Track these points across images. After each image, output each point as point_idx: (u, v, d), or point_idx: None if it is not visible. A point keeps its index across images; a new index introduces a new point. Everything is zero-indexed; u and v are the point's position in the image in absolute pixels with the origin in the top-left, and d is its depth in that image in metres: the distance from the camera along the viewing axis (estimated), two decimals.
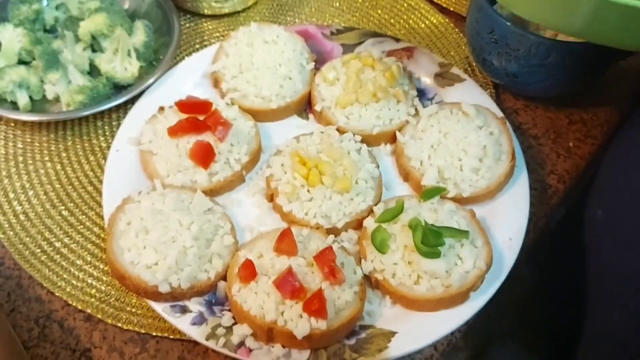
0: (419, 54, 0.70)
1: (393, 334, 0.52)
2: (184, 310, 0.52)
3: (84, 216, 0.61)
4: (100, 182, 0.61)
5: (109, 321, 0.54)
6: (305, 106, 0.68)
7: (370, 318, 0.54)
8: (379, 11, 0.80)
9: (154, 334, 0.54)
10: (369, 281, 0.55)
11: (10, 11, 0.70)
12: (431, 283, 0.52)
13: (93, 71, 0.69)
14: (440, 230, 0.53)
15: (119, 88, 0.68)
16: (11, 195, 0.62)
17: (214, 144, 0.59)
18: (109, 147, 0.62)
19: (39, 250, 0.58)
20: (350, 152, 0.61)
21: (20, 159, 0.65)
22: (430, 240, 0.52)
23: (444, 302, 0.52)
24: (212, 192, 0.59)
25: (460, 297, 0.53)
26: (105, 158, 0.63)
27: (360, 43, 0.72)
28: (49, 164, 0.64)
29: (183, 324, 0.51)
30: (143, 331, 0.54)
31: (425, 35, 0.77)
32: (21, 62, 0.68)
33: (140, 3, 0.74)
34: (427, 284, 0.52)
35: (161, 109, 0.63)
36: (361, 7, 0.81)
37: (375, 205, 0.58)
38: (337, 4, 0.81)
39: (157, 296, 0.52)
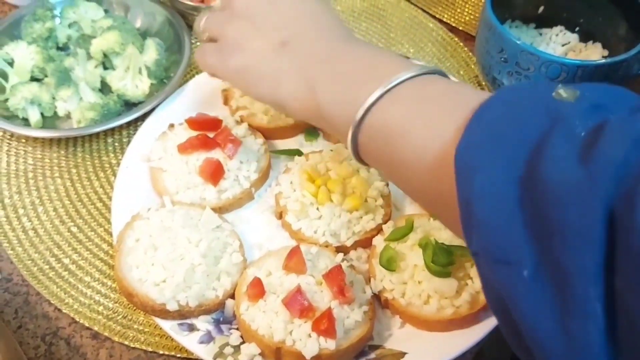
0: None
1: (403, 354, 0.51)
2: (192, 328, 0.52)
3: (92, 233, 0.61)
4: (110, 198, 0.61)
5: (116, 339, 0.54)
6: None
7: (379, 338, 0.53)
8: (388, 30, 0.81)
9: (161, 352, 0.53)
10: (379, 300, 0.54)
11: (23, 29, 0.71)
12: (441, 303, 0.52)
13: (104, 88, 0.69)
14: (451, 249, 0.52)
15: (129, 105, 0.68)
16: (20, 212, 0.62)
17: (223, 162, 0.59)
18: (119, 164, 0.63)
19: (47, 266, 0.58)
20: (359, 169, 0.60)
21: (31, 175, 0.65)
22: (441, 259, 0.52)
23: (454, 323, 0.52)
24: (221, 210, 0.59)
25: (471, 318, 0.52)
26: (115, 175, 0.63)
27: None
28: (59, 180, 0.65)
29: (191, 342, 0.51)
30: (150, 349, 0.53)
31: (434, 54, 0.77)
32: (33, 79, 0.69)
33: (152, 22, 0.75)
34: (437, 303, 0.52)
35: (171, 126, 0.64)
36: (370, 26, 0.81)
37: (385, 223, 0.58)
38: (347, 24, 0.81)
39: (165, 314, 0.51)
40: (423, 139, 0.38)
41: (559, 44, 0.74)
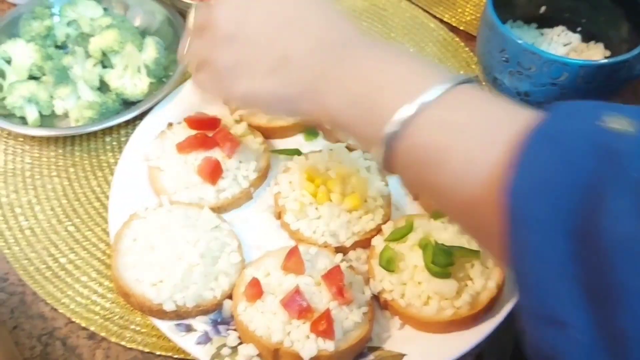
0: None
1: (402, 356, 0.51)
2: (189, 329, 0.51)
3: (90, 232, 0.60)
4: (107, 197, 0.61)
5: (113, 339, 0.53)
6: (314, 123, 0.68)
7: (378, 339, 0.52)
8: (389, 30, 0.80)
9: (158, 353, 0.53)
10: (378, 301, 0.54)
11: (21, 27, 0.70)
12: (441, 304, 0.51)
13: (103, 87, 0.69)
14: (451, 250, 0.52)
15: (128, 104, 0.68)
16: (17, 210, 0.61)
17: (222, 161, 0.59)
18: (116, 163, 0.62)
19: (43, 266, 0.58)
20: (359, 169, 0.60)
21: (28, 173, 0.64)
22: (441, 260, 0.51)
23: (454, 324, 0.51)
24: (219, 209, 0.59)
25: (471, 319, 0.51)
26: (112, 174, 0.62)
27: None
28: (56, 179, 0.64)
29: (188, 343, 0.50)
30: (147, 350, 0.53)
31: (435, 55, 0.77)
32: (31, 77, 0.68)
33: (151, 20, 0.74)
34: (436, 304, 0.51)
35: (170, 125, 0.63)
36: (371, 26, 0.81)
37: (385, 223, 0.57)
38: None
39: (162, 314, 0.51)
40: (462, 170, 0.34)
41: (560, 44, 0.73)
